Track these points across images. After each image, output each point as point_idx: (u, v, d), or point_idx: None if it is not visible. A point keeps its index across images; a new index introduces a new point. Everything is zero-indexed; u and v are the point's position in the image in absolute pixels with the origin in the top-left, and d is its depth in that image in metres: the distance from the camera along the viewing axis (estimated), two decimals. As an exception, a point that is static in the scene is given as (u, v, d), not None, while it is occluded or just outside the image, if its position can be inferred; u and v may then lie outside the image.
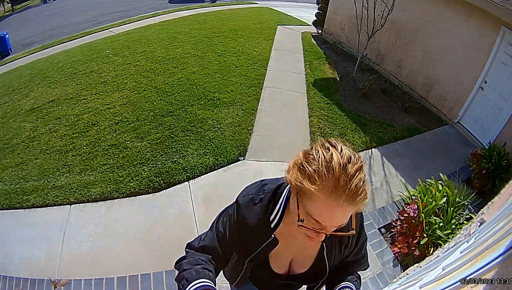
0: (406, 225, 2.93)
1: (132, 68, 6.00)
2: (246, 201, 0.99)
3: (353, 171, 0.73)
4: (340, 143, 0.80)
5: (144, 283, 2.61)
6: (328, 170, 0.73)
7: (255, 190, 1.01)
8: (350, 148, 0.80)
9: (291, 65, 6.60)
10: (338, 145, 0.78)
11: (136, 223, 3.15)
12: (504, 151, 3.85)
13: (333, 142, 0.80)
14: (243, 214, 0.98)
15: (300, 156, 0.82)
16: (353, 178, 0.72)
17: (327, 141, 0.81)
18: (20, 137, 4.42)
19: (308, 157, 0.79)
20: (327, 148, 0.78)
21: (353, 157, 0.76)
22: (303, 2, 15.68)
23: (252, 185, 1.05)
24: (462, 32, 4.83)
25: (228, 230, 1.01)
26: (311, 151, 0.80)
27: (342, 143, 0.80)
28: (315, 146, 0.81)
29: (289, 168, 0.83)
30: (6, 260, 2.83)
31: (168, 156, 3.92)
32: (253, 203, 0.97)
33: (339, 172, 0.72)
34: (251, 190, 1.02)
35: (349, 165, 0.74)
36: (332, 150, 0.77)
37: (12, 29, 10.46)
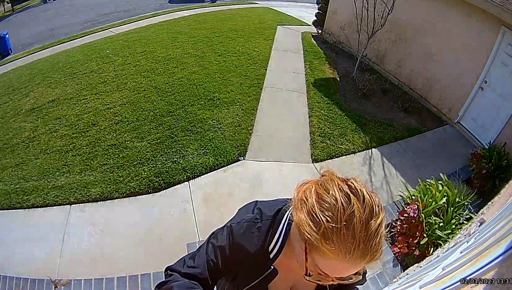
0: (406, 225, 2.93)
1: (132, 68, 6.00)
2: (242, 229, 0.88)
3: (375, 228, 0.63)
4: (362, 188, 0.67)
5: (144, 283, 2.61)
6: (348, 229, 0.62)
7: (251, 217, 0.90)
8: (370, 191, 0.68)
9: (291, 65, 6.60)
10: (360, 192, 0.66)
11: (136, 223, 3.15)
12: (504, 151, 3.85)
13: (354, 187, 0.66)
14: (239, 243, 0.87)
15: (311, 194, 0.68)
16: (374, 237, 0.63)
17: (346, 184, 0.67)
18: (20, 137, 4.42)
19: (323, 202, 0.65)
20: (346, 194, 0.64)
21: (376, 208, 0.65)
22: (303, 2, 15.68)
23: (245, 209, 0.95)
24: (462, 32, 4.83)
25: (221, 258, 0.89)
26: (327, 194, 0.66)
27: (363, 186, 0.68)
28: (332, 186, 0.67)
29: (296, 203, 0.70)
30: (6, 260, 2.83)
31: (168, 156, 3.92)
32: (250, 232, 0.87)
33: (360, 232, 0.61)
34: (245, 216, 0.91)
35: (371, 222, 0.63)
36: (354, 199, 0.64)
37: (12, 29, 10.45)
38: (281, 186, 3.64)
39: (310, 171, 3.91)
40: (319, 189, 0.68)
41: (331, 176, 0.72)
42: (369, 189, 0.69)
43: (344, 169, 4.00)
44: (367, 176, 3.93)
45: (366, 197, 0.65)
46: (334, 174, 0.74)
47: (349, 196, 0.64)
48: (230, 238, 0.89)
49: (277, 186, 3.64)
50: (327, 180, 0.70)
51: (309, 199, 0.67)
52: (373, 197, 0.67)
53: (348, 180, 0.69)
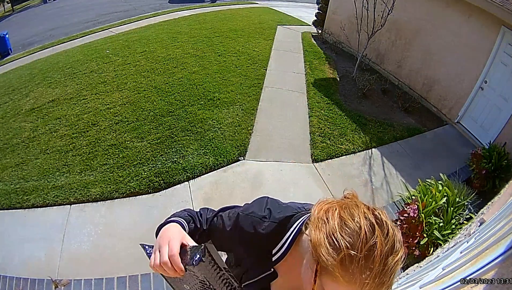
0: (406, 225, 2.93)
1: (132, 68, 6.00)
2: (248, 221, 0.88)
3: (393, 264, 0.61)
4: (388, 220, 0.65)
5: (144, 283, 2.61)
6: (368, 260, 0.59)
7: (259, 214, 0.88)
8: (394, 225, 0.66)
9: (291, 65, 6.60)
10: (385, 224, 0.63)
11: (136, 223, 3.15)
12: (504, 151, 3.85)
13: (380, 218, 0.64)
14: (244, 229, 0.88)
15: (334, 216, 0.65)
16: (389, 273, 0.61)
17: (372, 213, 0.65)
18: (20, 137, 4.42)
19: (345, 227, 0.62)
20: (371, 224, 0.62)
21: (397, 244, 0.63)
22: (303, 2, 15.68)
23: (258, 203, 0.93)
24: (462, 32, 4.83)
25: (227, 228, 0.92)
26: (351, 219, 0.63)
27: (389, 219, 0.65)
28: (357, 212, 0.64)
29: (315, 221, 0.66)
30: (6, 260, 2.83)
31: (168, 156, 3.92)
32: (253, 227, 0.87)
33: (378, 265, 0.59)
34: (255, 209, 0.90)
35: (390, 257, 0.61)
36: (378, 231, 0.62)
37: (12, 29, 10.45)
38: (281, 186, 3.64)
39: (310, 170, 3.91)
40: (343, 212, 0.65)
41: (356, 200, 0.70)
42: (393, 223, 0.67)
43: (344, 169, 4.00)
44: (367, 176, 3.93)
45: (390, 231, 0.63)
46: (358, 198, 0.73)
47: (374, 226, 0.62)
48: (235, 223, 0.90)
49: (277, 186, 3.64)
50: (352, 204, 0.67)
51: (330, 221, 0.64)
52: (396, 232, 0.64)
53: (375, 209, 0.66)
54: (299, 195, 3.54)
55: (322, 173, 3.88)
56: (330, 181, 3.78)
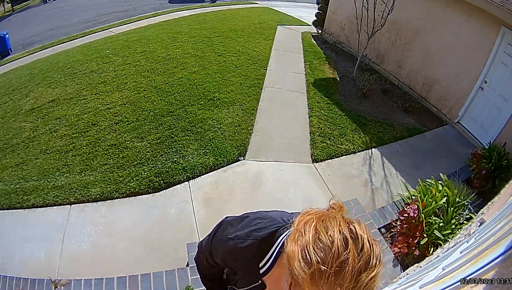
0: (406, 225, 2.93)
1: (132, 68, 6.00)
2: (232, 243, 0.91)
3: (366, 281, 0.59)
4: (364, 234, 0.62)
5: (144, 283, 2.61)
6: (338, 276, 0.58)
7: (244, 232, 0.90)
8: (372, 239, 0.63)
9: (291, 65, 6.60)
10: (360, 239, 0.61)
11: (136, 223, 3.15)
12: (504, 151, 3.85)
13: (355, 232, 0.62)
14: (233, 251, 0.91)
15: (310, 229, 0.64)
16: (362, 289, 0.59)
17: (348, 226, 0.63)
18: (20, 137, 4.42)
19: (318, 241, 0.61)
20: (345, 238, 0.60)
21: (373, 260, 0.61)
22: (303, 2, 15.68)
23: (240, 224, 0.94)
24: (462, 32, 4.83)
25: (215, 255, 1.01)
26: (325, 232, 0.62)
27: (366, 232, 0.63)
28: (332, 225, 0.63)
29: (293, 233, 0.66)
30: (6, 260, 2.83)
31: (168, 156, 3.92)
32: (239, 250, 0.89)
33: (349, 282, 0.58)
34: (238, 232, 0.92)
35: (363, 274, 0.59)
36: (351, 246, 0.60)
37: (12, 29, 10.45)
38: (281, 186, 3.64)
39: (310, 170, 3.91)
40: (319, 225, 0.64)
41: (336, 213, 0.68)
42: (372, 236, 0.64)
43: (344, 169, 4.00)
44: (367, 176, 3.93)
45: (365, 246, 0.61)
46: (342, 209, 0.72)
47: (347, 240, 0.60)
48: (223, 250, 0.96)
49: (277, 185, 3.64)
50: (330, 217, 0.66)
51: (306, 234, 0.63)
52: (374, 247, 0.62)
53: (352, 222, 0.64)
54: (299, 195, 3.54)
55: (322, 173, 3.88)
56: (330, 181, 3.78)
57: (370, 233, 0.64)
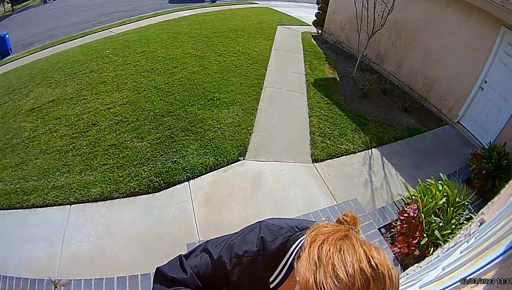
0: (406, 225, 2.93)
1: (132, 68, 6.00)
2: (244, 262, 0.84)
3: None
4: (384, 265, 0.57)
5: (144, 283, 2.60)
6: None
7: (254, 252, 0.83)
8: (391, 267, 0.59)
9: (291, 65, 6.60)
10: (381, 274, 0.56)
11: (136, 223, 3.15)
12: (504, 151, 3.85)
13: (376, 266, 0.57)
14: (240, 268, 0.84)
15: (327, 259, 0.58)
16: None
17: (367, 257, 0.58)
18: (20, 137, 4.42)
19: (337, 277, 0.55)
20: (365, 277, 0.55)
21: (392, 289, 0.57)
22: (303, 2, 15.68)
23: (250, 235, 0.87)
24: (462, 32, 4.83)
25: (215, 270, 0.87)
26: (343, 267, 0.56)
27: (385, 260, 0.58)
28: (351, 257, 0.57)
29: (306, 259, 0.60)
30: (6, 260, 2.83)
31: (168, 156, 3.92)
32: (252, 264, 0.83)
33: None
34: (248, 247, 0.85)
35: None
36: (372, 286, 0.55)
37: (12, 29, 10.45)
38: (281, 186, 3.64)
39: (310, 170, 3.91)
40: (337, 257, 0.58)
41: (352, 235, 0.63)
42: (390, 264, 0.59)
43: (344, 169, 4.00)
44: (367, 176, 3.93)
45: (387, 284, 0.56)
46: (355, 222, 0.68)
47: (369, 282, 0.55)
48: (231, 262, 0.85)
49: (277, 186, 3.64)
50: (348, 245, 0.60)
51: (322, 266, 0.57)
52: (393, 279, 0.57)
53: (373, 257, 0.58)
54: (299, 195, 3.54)
55: (322, 173, 3.88)
56: (330, 181, 3.78)
57: (388, 262, 0.59)
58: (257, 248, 0.83)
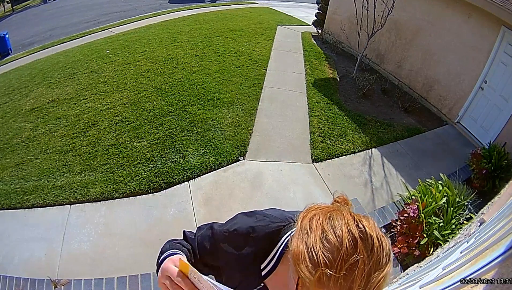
0: (406, 225, 2.93)
1: (132, 68, 6.00)
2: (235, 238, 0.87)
3: (377, 281, 0.56)
4: (373, 231, 0.58)
5: (144, 283, 2.61)
6: (347, 280, 0.55)
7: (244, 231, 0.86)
8: (381, 235, 0.60)
9: (291, 65, 6.60)
10: (370, 238, 0.58)
11: (136, 223, 3.15)
12: (504, 151, 3.85)
13: (365, 231, 0.58)
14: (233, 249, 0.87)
15: (317, 227, 0.60)
16: (373, 289, 0.56)
17: (357, 224, 0.59)
18: (20, 137, 4.42)
19: (326, 241, 0.57)
20: (354, 239, 0.57)
21: (383, 259, 0.57)
22: (303, 2, 15.68)
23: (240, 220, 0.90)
24: (462, 32, 4.83)
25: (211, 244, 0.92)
26: (333, 232, 0.58)
27: (375, 229, 0.60)
28: (340, 224, 0.59)
29: (298, 230, 0.62)
30: (6, 260, 2.83)
31: (168, 156, 3.92)
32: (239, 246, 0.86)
33: (359, 285, 0.55)
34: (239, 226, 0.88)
35: (374, 275, 0.56)
36: (361, 247, 0.56)
37: (12, 29, 10.46)
38: (281, 186, 3.64)
39: (310, 170, 3.91)
40: (326, 223, 0.60)
41: (343, 207, 0.65)
42: (381, 232, 0.60)
43: (344, 169, 4.00)
44: (367, 176, 3.93)
45: (375, 245, 0.57)
46: (348, 202, 0.69)
47: (356, 241, 0.56)
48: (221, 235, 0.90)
49: (277, 186, 3.64)
50: (337, 213, 0.62)
51: (312, 232, 0.59)
52: (383, 244, 0.58)
53: (360, 220, 0.60)
54: (299, 195, 3.54)
55: (322, 173, 3.88)
56: (330, 181, 3.78)
57: (378, 229, 0.60)
58: (247, 229, 0.86)
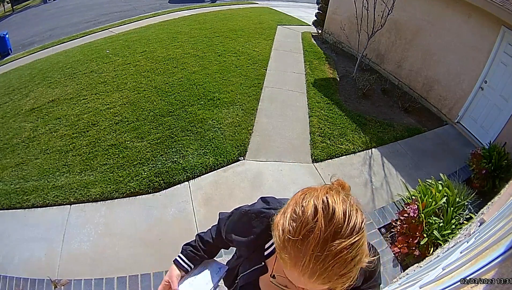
0: (406, 225, 2.93)
1: (132, 68, 6.00)
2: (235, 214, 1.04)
3: (337, 250, 0.57)
4: (338, 205, 0.61)
5: (144, 283, 2.61)
6: (303, 244, 0.59)
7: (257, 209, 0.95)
8: (353, 210, 0.62)
9: (291, 65, 6.60)
10: (331, 209, 0.60)
11: (136, 223, 3.15)
12: (504, 151, 3.85)
13: (327, 202, 0.61)
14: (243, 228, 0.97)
15: (293, 201, 0.67)
16: (332, 260, 0.57)
17: (323, 197, 0.63)
18: (20, 137, 4.42)
19: (293, 212, 0.64)
20: (315, 208, 0.61)
21: (345, 230, 0.59)
22: (303, 2, 15.68)
23: (256, 203, 1.00)
24: (462, 32, 4.83)
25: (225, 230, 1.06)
26: (301, 203, 0.64)
27: (344, 203, 0.62)
28: (310, 197, 0.64)
29: (283, 208, 0.70)
30: (6, 260, 2.83)
31: (168, 156, 3.92)
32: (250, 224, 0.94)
33: (313, 250, 0.58)
34: (253, 206, 0.98)
35: (334, 243, 0.58)
36: (320, 215, 0.60)
37: (12, 29, 10.46)
38: (281, 186, 3.64)
39: (310, 170, 3.91)
40: (301, 197, 0.66)
41: (335, 189, 0.67)
42: (354, 207, 0.63)
43: (344, 169, 4.00)
44: (367, 176, 3.93)
45: (336, 216, 0.59)
46: (343, 187, 0.72)
47: (316, 212, 0.61)
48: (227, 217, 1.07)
49: (277, 186, 3.64)
50: (316, 190, 0.67)
51: (289, 207, 0.67)
52: (348, 217, 0.60)
53: (329, 195, 0.63)
54: (299, 195, 3.53)
55: (322, 173, 3.88)
56: (330, 181, 3.77)
57: (350, 205, 0.62)
58: (258, 209, 0.94)
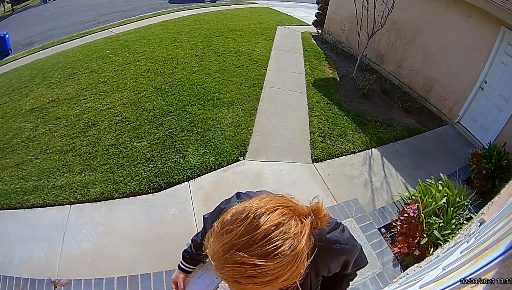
0: (406, 225, 2.93)
1: (132, 68, 6.00)
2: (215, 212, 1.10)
3: (238, 260, 0.62)
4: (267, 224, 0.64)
5: (144, 283, 2.61)
6: (217, 239, 0.66)
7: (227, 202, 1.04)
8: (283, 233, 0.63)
9: (291, 65, 6.60)
10: (260, 226, 0.63)
11: (136, 223, 3.15)
12: (504, 151, 3.85)
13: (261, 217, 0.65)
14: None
15: (252, 200, 0.73)
16: (232, 265, 0.61)
17: (271, 209, 0.67)
18: (20, 137, 4.42)
19: (238, 208, 0.71)
20: (245, 217, 0.66)
21: (264, 248, 0.61)
22: (303, 2, 15.68)
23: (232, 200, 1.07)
24: (462, 32, 4.83)
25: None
26: (253, 203, 0.70)
27: (269, 222, 0.64)
28: (260, 204, 0.69)
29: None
30: (6, 260, 2.83)
31: (168, 156, 3.92)
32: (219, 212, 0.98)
33: (222, 246, 0.63)
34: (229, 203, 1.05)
35: (239, 253, 0.61)
36: (246, 223, 0.64)
37: (12, 29, 10.46)
38: (281, 186, 3.63)
39: (310, 170, 3.91)
40: (255, 201, 0.72)
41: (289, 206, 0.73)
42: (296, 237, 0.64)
43: (344, 169, 4.00)
44: (367, 176, 3.93)
45: (257, 233, 0.62)
46: (319, 211, 0.77)
47: (247, 218, 0.65)
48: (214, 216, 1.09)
49: (277, 186, 3.64)
50: (269, 202, 0.71)
51: (248, 201, 0.73)
52: (271, 242, 0.61)
53: (273, 212, 0.66)
54: (299, 195, 3.50)
55: (322, 173, 3.88)
56: (330, 181, 3.78)
57: (291, 232, 0.64)
58: (227, 205, 0.95)
